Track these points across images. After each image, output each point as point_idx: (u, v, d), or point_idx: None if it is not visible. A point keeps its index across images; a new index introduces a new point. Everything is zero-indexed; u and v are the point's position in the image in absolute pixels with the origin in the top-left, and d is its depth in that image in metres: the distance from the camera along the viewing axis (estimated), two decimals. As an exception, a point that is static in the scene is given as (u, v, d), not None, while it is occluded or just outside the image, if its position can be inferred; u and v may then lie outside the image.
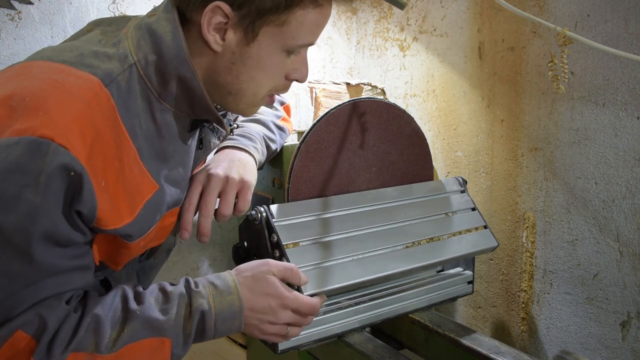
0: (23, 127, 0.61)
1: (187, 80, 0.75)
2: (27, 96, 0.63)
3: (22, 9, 1.11)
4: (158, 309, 0.74)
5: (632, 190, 0.98)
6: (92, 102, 0.66)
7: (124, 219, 0.73)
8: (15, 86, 0.65)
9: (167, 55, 0.73)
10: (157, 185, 0.78)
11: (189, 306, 0.75)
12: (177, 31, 0.73)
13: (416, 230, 1.05)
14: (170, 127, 0.79)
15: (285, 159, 1.12)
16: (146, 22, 0.75)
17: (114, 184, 0.70)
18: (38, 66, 0.69)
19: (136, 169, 0.74)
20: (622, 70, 0.96)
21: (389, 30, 1.49)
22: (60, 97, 0.64)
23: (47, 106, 0.63)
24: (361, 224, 1.00)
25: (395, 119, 1.11)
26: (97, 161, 0.66)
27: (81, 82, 0.67)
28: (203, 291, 0.77)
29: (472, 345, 0.96)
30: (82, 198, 0.65)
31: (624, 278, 1.01)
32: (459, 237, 1.08)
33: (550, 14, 1.06)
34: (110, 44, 0.74)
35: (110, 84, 0.69)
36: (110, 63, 0.71)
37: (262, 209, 0.90)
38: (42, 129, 0.61)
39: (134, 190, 0.74)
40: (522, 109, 1.15)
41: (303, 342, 0.96)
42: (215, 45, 0.74)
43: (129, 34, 0.75)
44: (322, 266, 0.91)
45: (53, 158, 0.61)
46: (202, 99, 0.77)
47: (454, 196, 1.14)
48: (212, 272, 1.52)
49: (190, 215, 0.88)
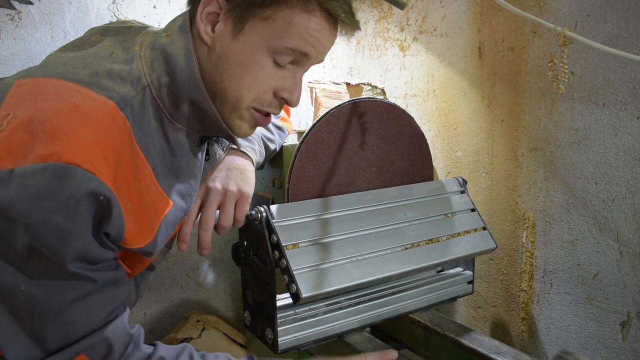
0: (47, 152, 0.61)
1: (198, 103, 0.76)
2: (47, 120, 0.63)
3: (22, 9, 1.11)
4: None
5: (632, 190, 0.98)
6: (110, 126, 0.67)
7: (146, 238, 0.75)
8: (33, 109, 0.65)
9: (180, 78, 0.74)
10: (170, 202, 0.80)
11: None
12: (190, 55, 0.74)
13: (415, 231, 1.05)
14: (182, 144, 0.80)
15: (285, 159, 1.12)
16: (160, 43, 0.76)
17: (137, 205, 0.71)
18: (53, 85, 0.69)
19: (152, 188, 0.75)
20: (622, 70, 0.96)
21: (389, 30, 1.49)
22: (81, 121, 0.65)
23: (69, 131, 0.63)
24: (361, 224, 1.00)
25: (395, 119, 1.11)
26: (121, 184, 0.67)
27: (98, 105, 0.68)
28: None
29: (472, 345, 0.96)
30: (111, 221, 0.66)
31: (624, 278, 1.01)
32: (458, 239, 1.08)
33: (550, 14, 1.06)
34: (122, 59, 0.75)
35: (125, 107, 0.70)
36: (124, 86, 0.72)
37: (262, 209, 0.90)
38: (67, 155, 0.61)
39: (151, 210, 0.76)
40: (522, 109, 1.15)
41: (303, 342, 0.96)
42: (205, 36, 0.75)
43: (143, 53, 0.76)
44: (320, 268, 0.91)
45: (81, 183, 0.62)
46: (214, 119, 0.78)
47: (454, 197, 1.14)
48: (212, 272, 1.52)
49: (189, 228, 0.90)
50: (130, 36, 0.81)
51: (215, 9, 0.73)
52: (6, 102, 0.67)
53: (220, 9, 0.73)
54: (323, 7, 0.74)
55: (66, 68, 0.72)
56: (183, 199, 0.84)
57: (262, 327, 0.95)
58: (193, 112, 0.78)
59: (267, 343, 0.94)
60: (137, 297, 1.00)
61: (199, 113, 0.78)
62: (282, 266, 0.88)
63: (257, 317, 0.97)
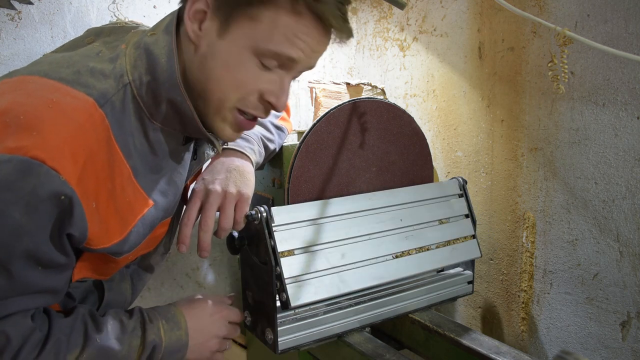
0: (15, 145, 0.61)
1: (177, 104, 0.75)
2: (21, 114, 0.63)
3: (22, 9, 1.10)
4: (114, 337, 0.77)
5: (632, 190, 0.98)
6: (86, 123, 0.67)
7: (113, 239, 0.74)
8: (10, 102, 0.65)
9: (161, 77, 0.73)
10: (151, 202, 0.79)
11: (143, 339, 0.79)
12: (172, 54, 0.73)
13: (408, 239, 1.06)
14: (162, 144, 0.79)
15: (285, 159, 1.11)
16: (145, 41, 0.75)
17: (105, 205, 0.71)
18: (35, 82, 0.69)
19: (129, 187, 0.75)
20: (622, 70, 0.96)
21: (389, 30, 1.49)
22: (55, 117, 0.64)
23: (41, 127, 0.63)
24: (356, 230, 1.00)
25: (395, 119, 1.11)
26: (88, 183, 0.67)
27: (76, 102, 0.67)
28: (156, 326, 0.82)
29: (472, 345, 0.96)
30: (73, 221, 0.66)
31: (624, 278, 1.01)
32: (447, 248, 1.10)
33: (550, 14, 1.06)
34: (107, 58, 0.75)
35: (105, 104, 0.70)
36: (106, 82, 0.71)
37: (262, 209, 0.90)
38: (34, 150, 0.61)
39: (125, 209, 0.75)
40: (522, 109, 1.15)
41: (303, 342, 0.96)
42: (191, 34, 0.74)
43: (128, 51, 0.75)
44: (311, 276, 0.92)
45: (44, 181, 0.62)
46: (192, 121, 0.77)
47: (452, 201, 1.14)
48: (212, 272, 1.52)
49: (189, 230, 0.89)
50: (121, 35, 0.80)
51: (203, 7, 0.72)
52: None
53: (208, 6, 0.72)
54: (311, 10, 0.71)
55: (51, 67, 0.72)
56: (165, 198, 0.83)
57: (262, 327, 0.95)
58: (172, 112, 0.76)
59: (267, 343, 0.94)
60: (132, 297, 1.00)
61: (177, 113, 0.76)
62: (276, 272, 0.90)
63: (257, 317, 0.97)
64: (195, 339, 0.86)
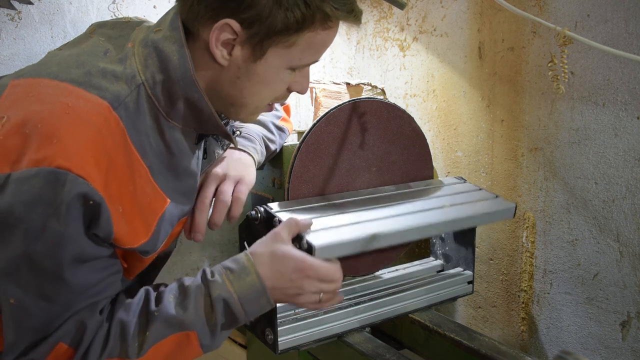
0: (39, 157, 0.62)
1: (194, 101, 0.75)
2: (39, 122, 0.64)
3: (22, 9, 1.10)
4: (176, 305, 0.75)
5: (632, 190, 0.98)
6: (102, 128, 0.67)
7: (141, 239, 0.75)
8: (26, 111, 0.65)
9: (174, 75, 0.73)
10: (168, 199, 0.80)
11: (209, 297, 0.75)
12: (183, 51, 0.73)
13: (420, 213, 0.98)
14: (178, 142, 0.79)
15: (285, 159, 1.11)
16: (152, 39, 0.75)
17: (129, 208, 0.71)
18: (46, 85, 0.69)
19: (148, 187, 0.75)
20: (622, 70, 0.96)
21: (389, 30, 1.49)
22: (73, 123, 0.65)
23: (61, 134, 0.64)
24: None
25: (395, 119, 1.11)
26: (112, 188, 0.68)
27: (91, 106, 0.68)
28: (219, 279, 0.76)
29: (472, 345, 0.96)
30: (99, 224, 0.67)
31: (624, 278, 1.01)
32: (472, 204, 1.03)
33: (550, 14, 1.06)
34: (116, 59, 0.74)
35: (119, 107, 0.70)
36: (118, 84, 0.71)
37: (262, 208, 0.90)
38: (58, 160, 0.62)
39: (147, 209, 0.76)
40: (522, 109, 1.15)
41: (303, 342, 0.96)
42: (222, 60, 0.74)
43: (136, 50, 0.75)
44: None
45: (71, 188, 0.63)
46: (210, 117, 0.78)
47: (456, 186, 1.14)
48: (212, 272, 1.52)
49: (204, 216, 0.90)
50: (126, 31, 0.80)
51: (230, 36, 0.72)
52: (0, 105, 0.67)
53: (236, 35, 0.72)
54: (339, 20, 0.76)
55: (60, 67, 0.72)
56: (182, 196, 0.83)
57: (262, 327, 0.94)
58: (189, 110, 0.77)
59: (267, 343, 0.94)
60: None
61: (194, 111, 0.77)
62: None
63: (257, 317, 0.96)
64: (275, 280, 0.77)
